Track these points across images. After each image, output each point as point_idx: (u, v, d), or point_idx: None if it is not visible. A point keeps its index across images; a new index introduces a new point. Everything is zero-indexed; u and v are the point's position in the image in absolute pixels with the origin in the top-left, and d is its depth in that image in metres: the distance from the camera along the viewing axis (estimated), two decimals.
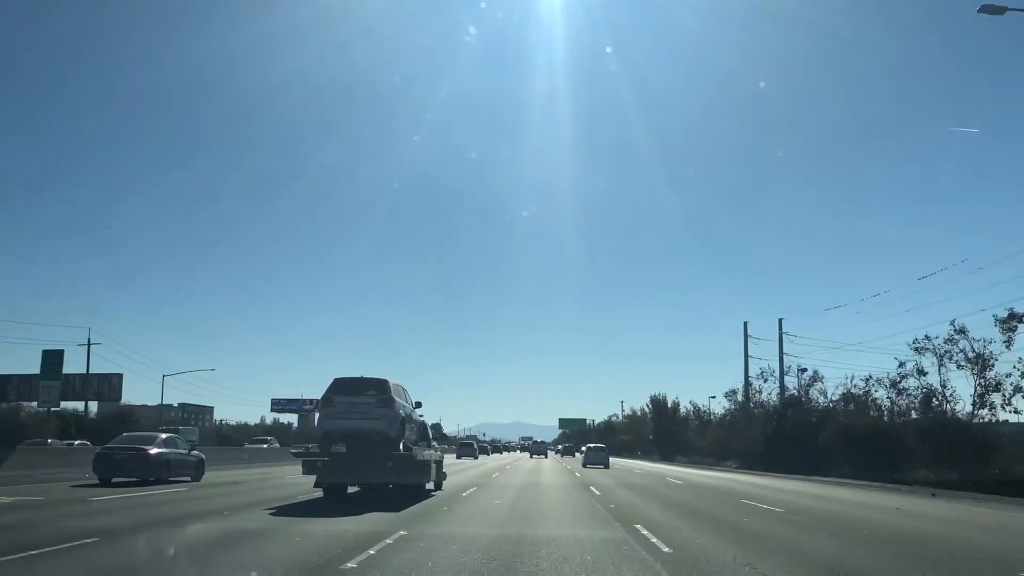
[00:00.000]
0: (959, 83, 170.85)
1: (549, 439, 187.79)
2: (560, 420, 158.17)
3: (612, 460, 58.75)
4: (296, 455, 20.29)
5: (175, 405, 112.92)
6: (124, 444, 24.88)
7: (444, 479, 24.78)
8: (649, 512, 17.04)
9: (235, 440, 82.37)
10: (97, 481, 23.60)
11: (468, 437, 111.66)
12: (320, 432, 18.76)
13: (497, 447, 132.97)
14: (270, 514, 14.84)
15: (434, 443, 25.12)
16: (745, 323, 62.49)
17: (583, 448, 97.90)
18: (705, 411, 79.62)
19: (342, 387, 18.52)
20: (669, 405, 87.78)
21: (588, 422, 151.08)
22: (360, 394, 18.32)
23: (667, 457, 77.45)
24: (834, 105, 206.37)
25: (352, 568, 8.77)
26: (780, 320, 58.19)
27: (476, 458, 74.72)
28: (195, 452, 27.77)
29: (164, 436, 26.99)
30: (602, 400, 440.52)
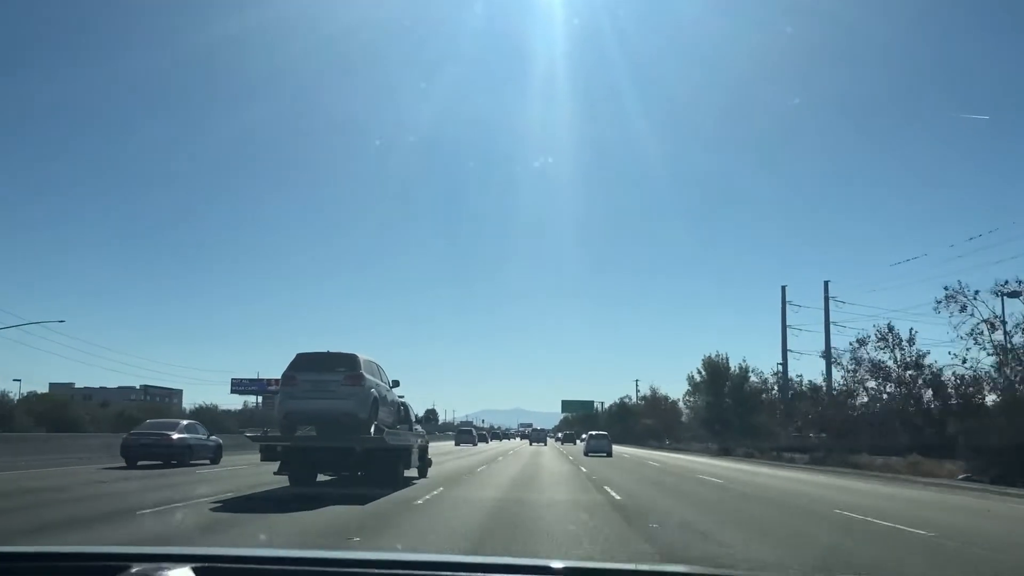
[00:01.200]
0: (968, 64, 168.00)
1: (550, 426, 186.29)
2: (563, 403, 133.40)
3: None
4: (252, 439, 18.16)
5: (137, 387, 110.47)
6: (149, 430, 26.58)
7: (429, 466, 22.73)
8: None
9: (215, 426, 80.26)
10: (124, 464, 24.72)
11: (466, 424, 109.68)
12: (281, 414, 16.65)
13: (496, 434, 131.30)
14: (212, 509, 12.73)
15: (417, 427, 23.04)
16: (783, 287, 54.46)
17: (583, 436, 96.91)
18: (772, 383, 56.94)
19: (306, 363, 16.39)
20: (733, 370, 61.77)
21: (595, 405, 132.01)
22: (326, 371, 16.19)
23: (727, 450, 53.42)
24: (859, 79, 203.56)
25: None
26: (826, 283, 49.04)
27: (475, 445, 73.24)
28: (213, 437, 29.12)
29: (185, 423, 28.97)
30: (608, 385, 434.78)
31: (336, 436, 15.96)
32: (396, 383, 19.32)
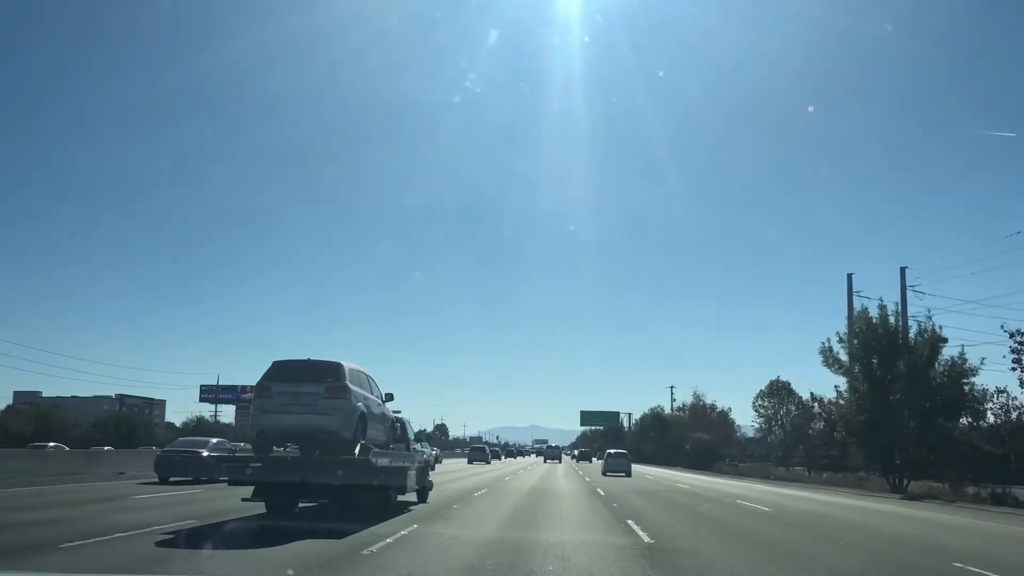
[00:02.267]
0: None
1: (566, 443, 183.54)
2: (582, 414, 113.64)
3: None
4: (218, 460, 16.10)
5: (113, 396, 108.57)
6: (181, 448, 28.20)
7: (430, 489, 20.63)
8: None
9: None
10: (157, 480, 26.28)
11: (478, 441, 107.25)
12: (254, 430, 14.62)
13: (511, 451, 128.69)
14: (157, 543, 10.69)
15: (417, 446, 20.98)
16: (849, 276, 46.08)
17: (597, 454, 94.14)
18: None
19: (282, 373, 14.37)
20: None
21: (620, 417, 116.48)
22: (305, 382, 14.16)
23: (898, 482, 35.98)
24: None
25: None
26: (903, 270, 40.97)
27: (488, 463, 71.44)
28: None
29: (214, 441, 30.39)
30: (628, 401, 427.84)
31: (314, 457, 13.94)
32: (390, 397, 17.27)
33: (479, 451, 75.97)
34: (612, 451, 54.65)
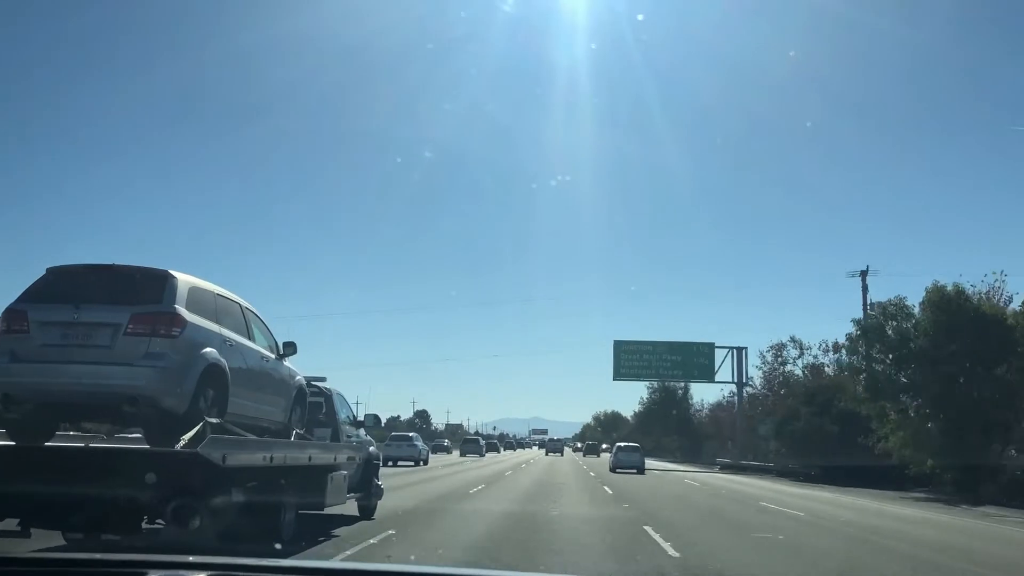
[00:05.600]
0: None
1: (570, 435, 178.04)
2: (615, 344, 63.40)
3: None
4: None
5: None
6: None
7: (379, 496, 14.00)
8: None
9: None
10: None
11: (472, 433, 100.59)
12: None
13: (510, 443, 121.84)
14: None
15: (359, 432, 14.35)
16: (863, 272, 44.01)
17: (600, 446, 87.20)
18: None
19: (56, 288, 7.72)
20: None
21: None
22: (94, 304, 7.50)
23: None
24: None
25: None
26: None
27: (483, 456, 65.49)
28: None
29: None
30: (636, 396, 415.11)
31: (79, 460, 7.36)
32: (291, 348, 10.39)
33: (472, 443, 69.72)
34: (622, 444, 48.67)
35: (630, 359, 57.75)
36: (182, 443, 7.14)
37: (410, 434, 51.79)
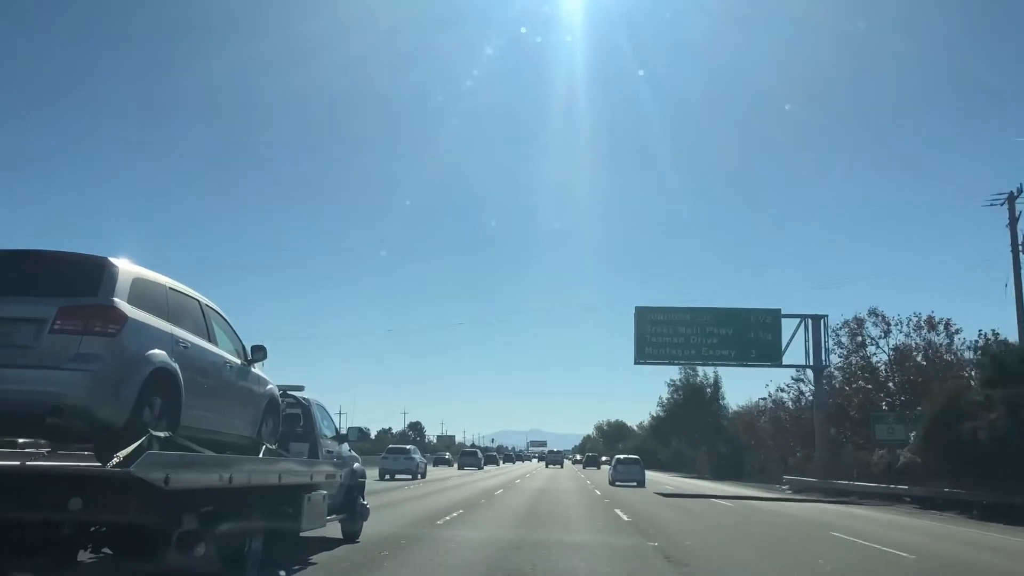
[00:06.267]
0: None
1: (570, 447, 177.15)
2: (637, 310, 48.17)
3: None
4: None
5: None
6: None
7: (365, 517, 12.80)
8: None
9: None
10: None
11: (470, 447, 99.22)
12: None
13: (509, 456, 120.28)
14: None
15: (343, 448, 13.13)
16: (1013, 194, 31.47)
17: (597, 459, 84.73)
18: None
19: None
20: None
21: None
22: (15, 296, 6.35)
23: None
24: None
25: None
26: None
27: (480, 468, 64.77)
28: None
29: None
30: (641, 404, 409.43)
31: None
32: (260, 353, 9.14)
33: (470, 456, 68.96)
34: (622, 456, 47.52)
35: (658, 334, 41.08)
36: (115, 461, 5.96)
37: (407, 447, 50.49)
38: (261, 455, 8.64)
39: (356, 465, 12.83)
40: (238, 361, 8.58)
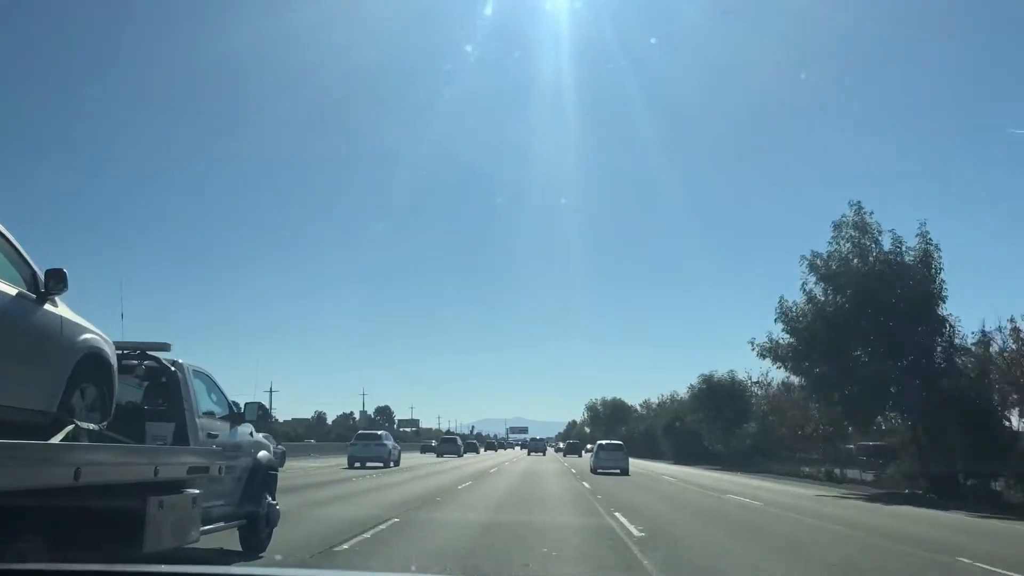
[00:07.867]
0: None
1: (553, 435, 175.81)
2: None
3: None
4: None
5: None
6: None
7: (275, 520, 9.86)
8: None
9: None
10: None
11: (449, 433, 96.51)
12: None
13: (491, 444, 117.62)
14: None
15: (246, 430, 10.10)
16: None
17: (584, 446, 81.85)
18: None
19: None
20: None
21: None
22: None
23: None
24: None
25: None
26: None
27: (460, 456, 62.36)
28: (280, 447, 29.65)
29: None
30: (628, 392, 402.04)
31: None
32: (58, 280, 5.63)
33: (449, 443, 66.30)
34: (604, 442, 43.54)
35: None
36: None
37: (379, 432, 47.29)
38: (59, 440, 5.65)
39: (262, 454, 9.80)
40: (21, 293, 5.59)
